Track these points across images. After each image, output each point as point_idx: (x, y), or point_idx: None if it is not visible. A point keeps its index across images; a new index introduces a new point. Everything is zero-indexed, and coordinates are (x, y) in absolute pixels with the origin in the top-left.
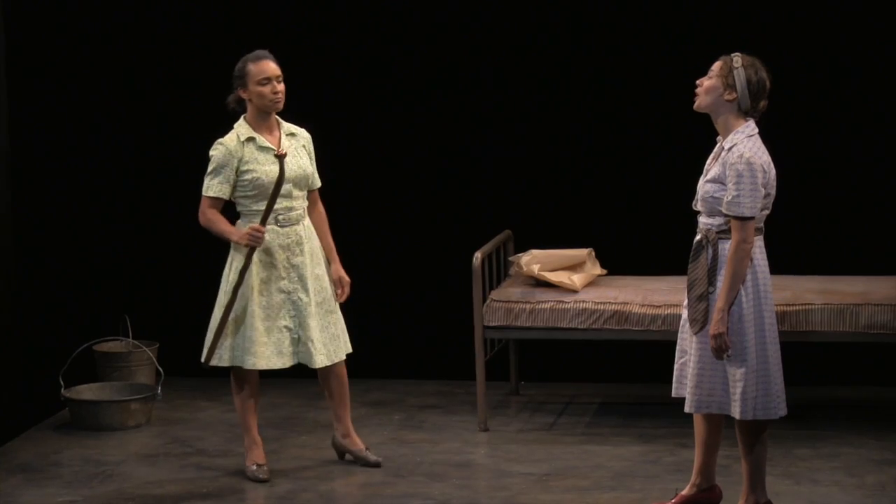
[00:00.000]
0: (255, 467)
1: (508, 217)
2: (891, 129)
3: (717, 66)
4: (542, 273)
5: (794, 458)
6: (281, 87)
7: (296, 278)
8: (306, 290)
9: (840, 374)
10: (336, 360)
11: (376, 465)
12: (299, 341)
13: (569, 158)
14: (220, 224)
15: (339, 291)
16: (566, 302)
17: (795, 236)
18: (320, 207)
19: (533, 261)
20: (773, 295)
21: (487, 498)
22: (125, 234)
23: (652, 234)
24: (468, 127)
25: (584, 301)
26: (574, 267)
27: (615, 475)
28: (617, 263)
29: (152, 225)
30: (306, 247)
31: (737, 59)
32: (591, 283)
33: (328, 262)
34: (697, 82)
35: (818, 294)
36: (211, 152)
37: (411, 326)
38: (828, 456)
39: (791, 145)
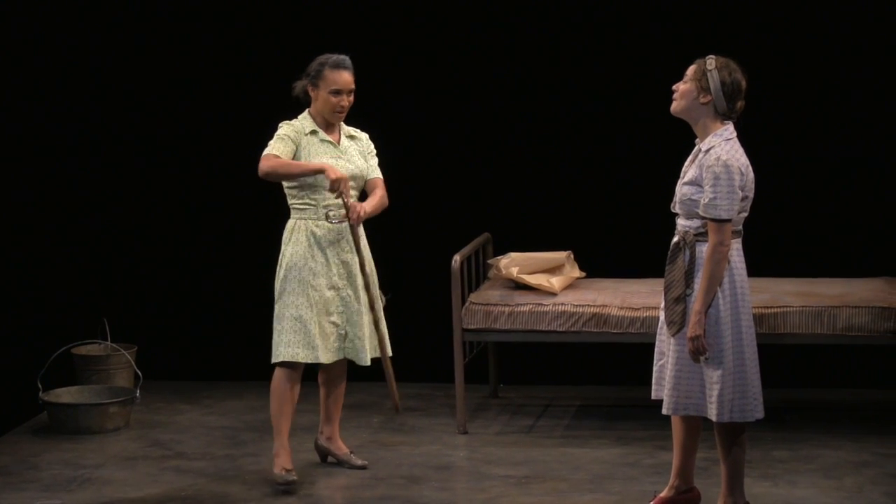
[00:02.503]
0: (284, 472)
1: (487, 220)
2: (868, 132)
3: (691, 69)
4: (521, 276)
5: (772, 460)
6: (349, 100)
7: (345, 275)
8: (354, 288)
9: (818, 376)
10: (375, 356)
11: (362, 468)
12: (346, 338)
13: (548, 162)
14: (293, 163)
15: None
16: (545, 305)
17: (773, 239)
18: (379, 190)
19: (512, 263)
20: (751, 297)
21: (466, 500)
22: (103, 236)
23: (630, 236)
24: (447, 130)
25: (562, 304)
26: (553, 270)
27: (594, 477)
28: (595, 266)
29: (130, 228)
30: (355, 244)
31: (710, 61)
32: (569, 286)
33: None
34: (673, 87)
35: (796, 296)
36: (279, 127)
37: (390, 329)
38: (806, 458)
39: (769, 148)
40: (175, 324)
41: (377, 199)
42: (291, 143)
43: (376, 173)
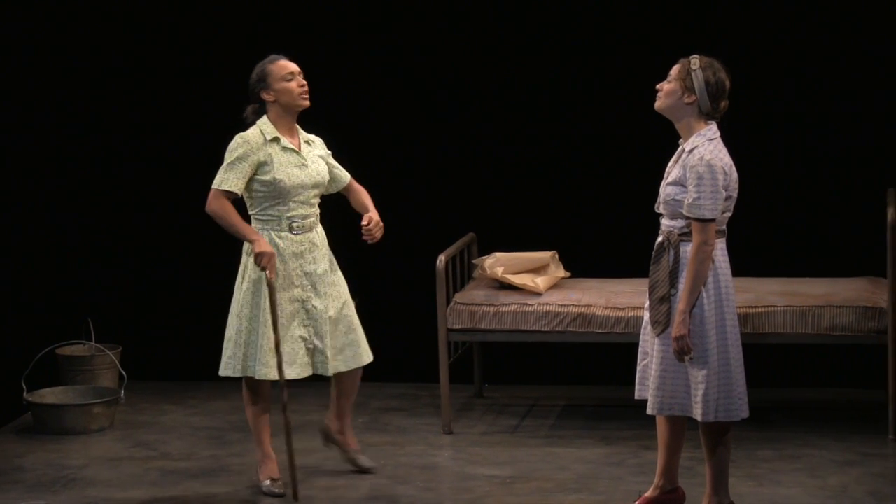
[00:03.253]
0: (269, 482)
1: (472, 220)
2: (852, 132)
3: (675, 69)
4: (506, 276)
5: (756, 459)
6: (305, 82)
7: (309, 286)
8: (320, 298)
9: (802, 375)
10: (353, 367)
11: (370, 470)
12: (315, 351)
13: (532, 162)
14: (236, 219)
15: (371, 227)
16: (530, 304)
17: (758, 238)
18: (357, 186)
19: (497, 263)
20: (736, 297)
21: (452, 500)
22: (87, 236)
23: (615, 236)
24: (432, 130)
25: (547, 303)
26: (538, 269)
27: (579, 477)
28: (580, 266)
29: (114, 228)
30: (320, 253)
31: (695, 60)
32: (554, 286)
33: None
34: (657, 86)
35: (780, 296)
36: (230, 145)
37: (375, 329)
38: (790, 457)
39: (753, 148)
40: (159, 324)
41: (369, 197)
42: (246, 165)
43: (346, 174)
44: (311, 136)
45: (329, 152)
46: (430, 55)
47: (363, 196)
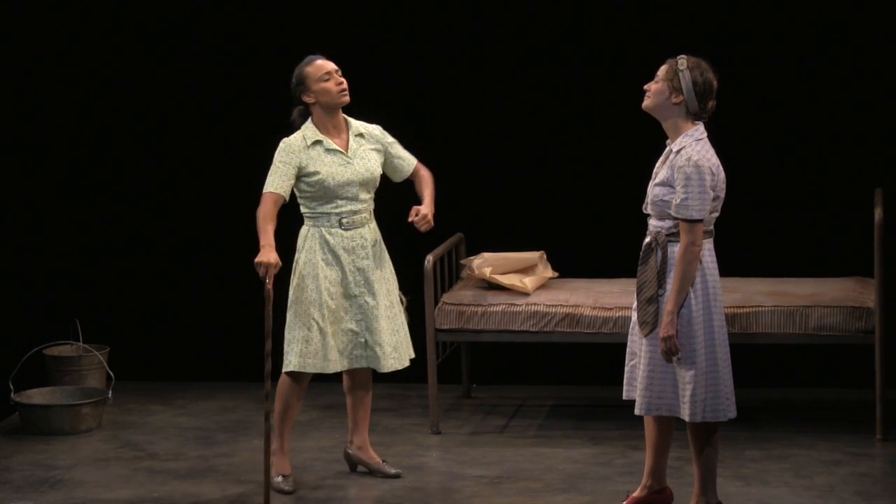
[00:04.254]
0: (280, 478)
1: (460, 220)
2: (840, 132)
3: (662, 69)
4: (494, 276)
5: (744, 459)
6: (343, 79)
7: (362, 282)
8: (373, 294)
9: (790, 375)
10: (400, 366)
11: (396, 476)
12: (366, 345)
13: (520, 162)
14: (262, 224)
15: (417, 220)
16: (518, 305)
17: (745, 239)
18: (424, 173)
19: (485, 264)
20: (723, 297)
21: (439, 500)
22: (74, 237)
23: (603, 236)
24: (420, 129)
25: (535, 304)
26: (526, 270)
27: (567, 477)
28: (568, 266)
29: (102, 228)
30: (371, 250)
31: (682, 61)
32: (542, 286)
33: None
34: (645, 87)
35: (768, 296)
36: (278, 148)
37: None
38: (778, 457)
39: (740, 148)
40: (147, 325)
41: (430, 186)
42: (289, 168)
43: (411, 160)
44: (367, 128)
45: (393, 141)
46: (416, 56)
47: (423, 184)
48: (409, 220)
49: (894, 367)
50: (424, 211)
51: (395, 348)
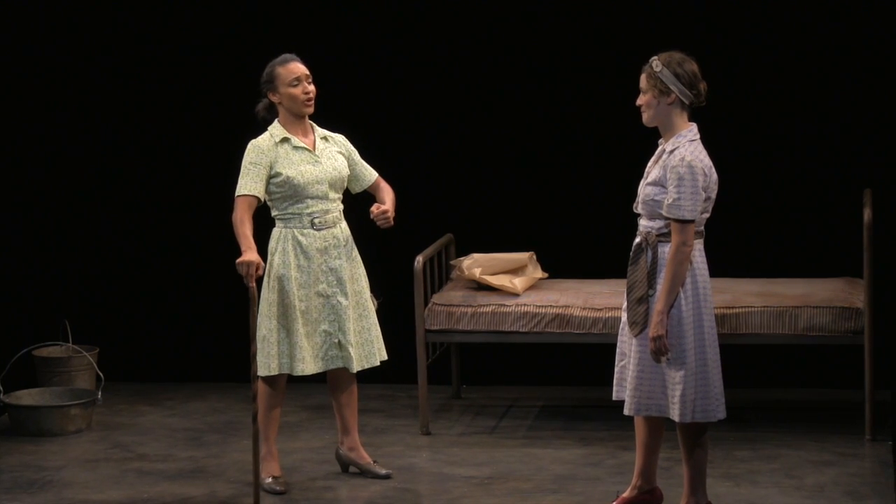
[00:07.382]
0: (270, 480)
1: (450, 221)
2: (829, 132)
3: (643, 80)
4: (484, 277)
5: (734, 459)
6: (312, 87)
7: (334, 281)
8: (345, 294)
9: (779, 376)
10: (369, 366)
11: (386, 477)
12: (340, 345)
13: (510, 162)
14: (240, 228)
15: (376, 214)
16: (508, 305)
17: (735, 239)
18: (384, 185)
19: (474, 264)
20: (713, 298)
21: (430, 501)
22: (64, 238)
23: (593, 237)
24: (409, 130)
25: (525, 304)
26: (515, 270)
27: (557, 478)
28: (558, 266)
29: (91, 229)
30: (344, 249)
31: (655, 63)
32: (532, 287)
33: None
34: (637, 103)
35: (757, 297)
36: (244, 153)
37: None
38: (767, 458)
39: (731, 149)
40: (136, 325)
41: (391, 195)
42: (260, 168)
43: (373, 172)
44: (331, 134)
45: (353, 150)
46: (407, 57)
47: (385, 193)
48: (371, 216)
49: (884, 367)
50: (385, 207)
51: (361, 347)
